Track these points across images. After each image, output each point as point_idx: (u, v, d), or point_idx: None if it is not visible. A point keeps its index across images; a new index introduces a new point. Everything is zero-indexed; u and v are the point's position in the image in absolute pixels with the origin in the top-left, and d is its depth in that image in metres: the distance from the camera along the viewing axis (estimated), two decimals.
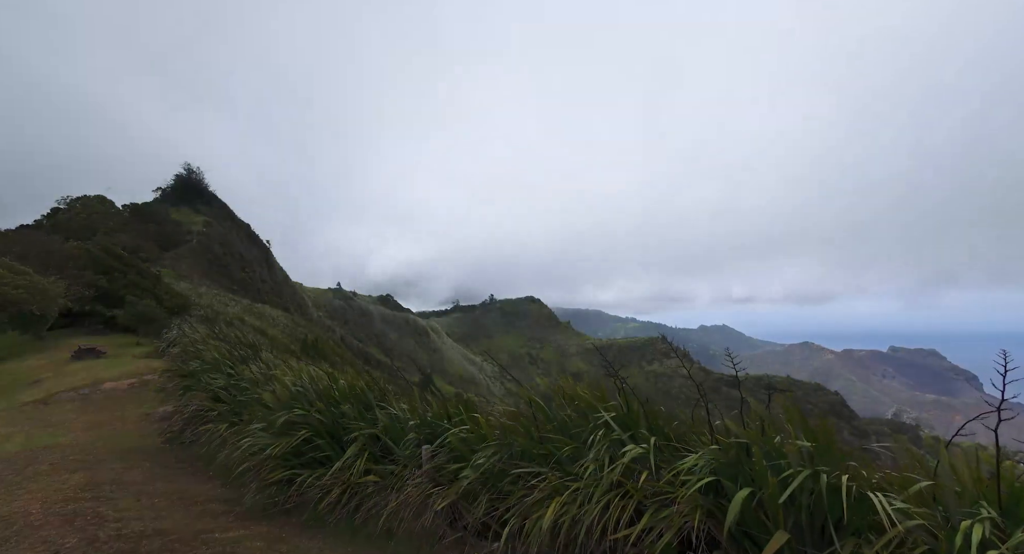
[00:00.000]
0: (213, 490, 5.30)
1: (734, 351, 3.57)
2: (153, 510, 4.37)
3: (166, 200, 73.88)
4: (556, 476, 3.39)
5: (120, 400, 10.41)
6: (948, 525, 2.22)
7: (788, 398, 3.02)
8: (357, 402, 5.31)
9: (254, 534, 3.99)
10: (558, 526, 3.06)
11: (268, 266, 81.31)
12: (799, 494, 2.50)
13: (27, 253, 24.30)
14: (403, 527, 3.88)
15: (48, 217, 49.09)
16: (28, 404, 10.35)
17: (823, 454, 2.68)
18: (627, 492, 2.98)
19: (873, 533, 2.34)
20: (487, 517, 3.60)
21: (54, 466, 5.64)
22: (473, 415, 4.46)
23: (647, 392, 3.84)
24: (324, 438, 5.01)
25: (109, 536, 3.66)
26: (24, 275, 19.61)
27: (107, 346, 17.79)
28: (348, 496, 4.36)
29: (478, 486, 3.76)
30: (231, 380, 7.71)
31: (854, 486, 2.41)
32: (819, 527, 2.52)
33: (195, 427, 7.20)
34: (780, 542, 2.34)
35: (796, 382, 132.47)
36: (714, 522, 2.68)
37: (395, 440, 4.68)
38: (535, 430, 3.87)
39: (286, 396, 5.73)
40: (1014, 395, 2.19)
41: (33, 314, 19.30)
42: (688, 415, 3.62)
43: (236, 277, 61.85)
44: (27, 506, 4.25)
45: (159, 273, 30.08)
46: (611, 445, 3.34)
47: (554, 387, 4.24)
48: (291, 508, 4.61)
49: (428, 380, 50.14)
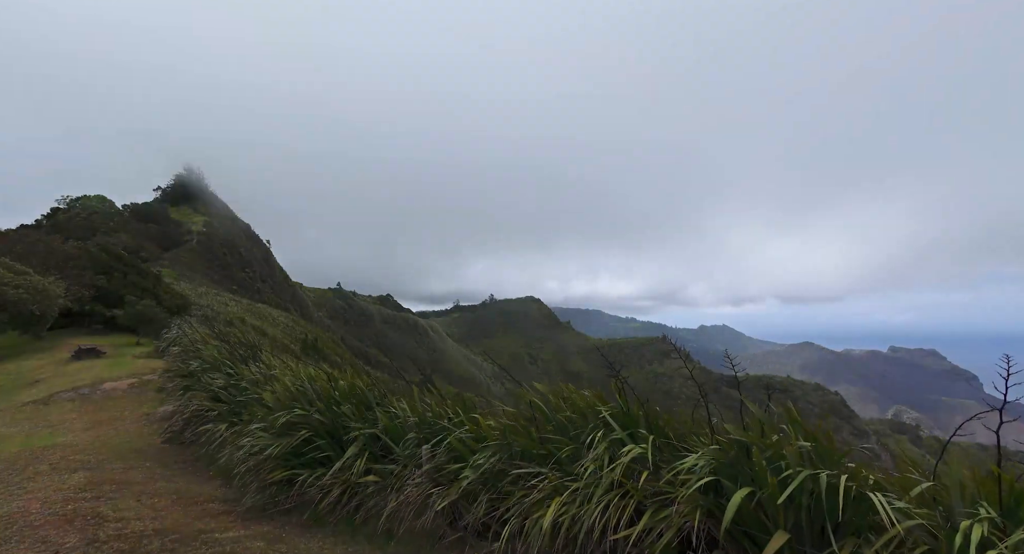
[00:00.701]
0: (213, 490, 5.30)
1: (734, 351, 3.57)
2: (153, 510, 4.37)
3: (166, 200, 73.89)
4: (556, 476, 3.39)
5: (120, 400, 10.42)
6: (948, 525, 2.22)
7: (788, 398, 3.02)
8: (357, 402, 5.31)
9: (254, 534, 3.99)
10: (558, 526, 3.06)
11: (268, 266, 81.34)
12: (799, 494, 2.50)
13: (27, 253, 24.30)
14: (403, 527, 3.88)
15: (48, 217, 49.13)
16: (28, 404, 10.35)
17: (823, 454, 2.68)
18: (627, 492, 2.98)
19: (873, 533, 2.34)
20: (487, 517, 3.60)
21: (54, 466, 5.64)
22: (473, 415, 4.46)
23: (647, 392, 3.84)
24: (324, 438, 5.01)
25: (109, 536, 3.66)
26: (24, 275, 19.62)
27: (107, 346, 17.81)
28: (348, 496, 4.35)
29: (478, 486, 3.75)
30: (231, 380, 7.71)
31: (854, 486, 2.41)
32: (819, 527, 2.52)
33: (195, 427, 7.20)
34: (780, 542, 2.34)
35: (796, 382, 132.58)
36: (714, 522, 2.68)
37: (395, 440, 4.68)
38: (535, 430, 3.87)
39: (286, 396, 5.73)
40: (1016, 397, 2.19)
41: (33, 314, 19.31)
42: (688, 415, 3.62)
43: (236, 277, 61.87)
44: (27, 506, 4.24)
45: (159, 273, 30.09)
46: (611, 445, 3.34)
47: (553, 389, 4.24)
48: (291, 508, 4.61)
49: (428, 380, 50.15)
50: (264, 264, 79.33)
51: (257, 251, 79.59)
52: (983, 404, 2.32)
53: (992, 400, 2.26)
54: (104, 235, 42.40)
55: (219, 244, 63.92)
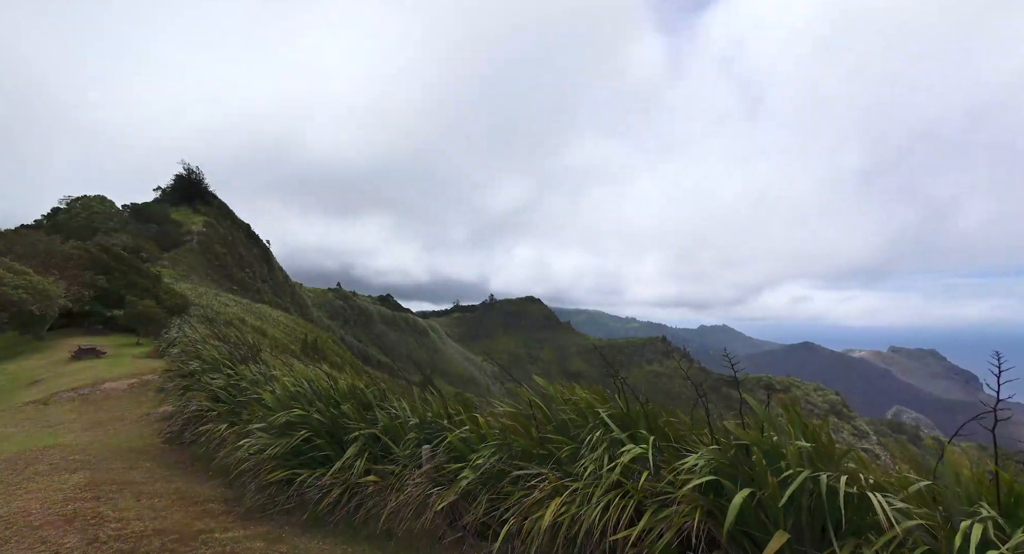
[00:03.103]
0: (213, 490, 5.30)
1: (734, 351, 3.57)
2: (153, 510, 4.37)
3: (166, 200, 73.84)
4: (556, 476, 3.39)
5: (120, 400, 10.42)
6: (948, 525, 2.22)
7: (788, 398, 3.02)
8: (357, 402, 5.32)
9: (254, 534, 3.99)
10: (557, 526, 3.06)
11: (268, 266, 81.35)
12: (799, 494, 2.50)
13: (27, 253, 24.29)
14: (403, 527, 3.89)
15: (48, 217, 49.14)
16: (28, 404, 10.35)
17: (823, 455, 2.68)
18: (627, 492, 2.98)
19: (873, 533, 2.35)
20: (487, 517, 3.60)
21: (54, 466, 5.64)
22: (473, 415, 4.46)
23: (647, 392, 3.84)
24: (324, 438, 5.01)
25: (109, 536, 3.66)
26: (24, 275, 19.62)
27: (107, 346, 17.81)
28: (348, 496, 4.36)
29: (478, 486, 3.76)
30: (231, 380, 7.71)
31: (854, 486, 2.41)
32: (819, 527, 2.52)
33: (195, 427, 7.20)
34: (780, 542, 2.34)
35: (796, 382, 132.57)
36: (714, 522, 2.68)
37: (395, 440, 4.68)
38: (535, 430, 3.87)
39: (286, 396, 5.73)
40: (1010, 394, 2.19)
41: (33, 314, 19.31)
42: (688, 415, 3.62)
43: (236, 277, 61.89)
44: (27, 506, 4.25)
45: (159, 273, 30.10)
46: (610, 445, 3.34)
47: (553, 388, 4.24)
48: (291, 508, 4.61)
49: (428, 380, 50.10)
50: (264, 264, 79.35)
51: (257, 251, 79.62)
52: (982, 404, 2.33)
53: (991, 401, 2.26)
54: (104, 235, 42.42)
55: (219, 244, 63.93)
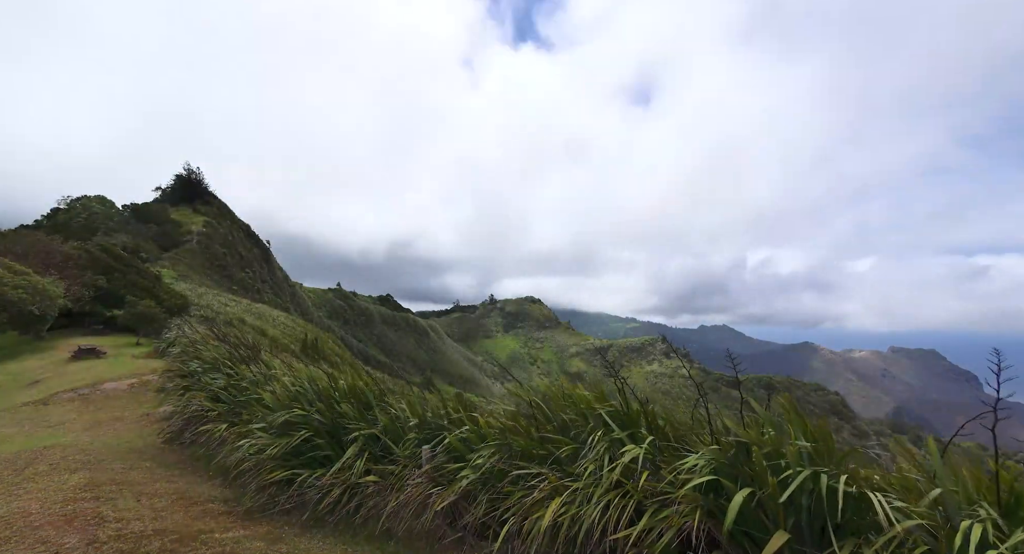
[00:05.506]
0: (213, 490, 5.30)
1: (734, 351, 3.57)
2: (153, 510, 4.37)
3: (166, 200, 73.80)
4: (556, 476, 3.39)
5: (120, 400, 10.42)
6: (948, 525, 2.22)
7: (788, 398, 3.02)
8: (357, 402, 5.32)
9: (254, 534, 3.99)
10: (557, 526, 3.06)
11: (268, 266, 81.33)
12: (799, 494, 2.50)
13: (27, 253, 24.29)
14: (403, 527, 3.89)
15: (48, 217, 49.12)
16: (28, 404, 10.35)
17: (823, 454, 2.68)
18: (627, 492, 2.98)
19: (873, 533, 2.35)
20: (487, 517, 3.60)
21: (54, 466, 5.64)
22: (473, 415, 4.46)
23: (647, 392, 3.85)
24: (324, 438, 5.01)
25: (109, 536, 3.66)
26: (24, 275, 19.62)
27: (107, 346, 17.81)
28: (348, 496, 4.36)
29: (478, 486, 3.76)
30: (231, 380, 7.72)
31: (854, 486, 2.41)
32: (819, 527, 2.52)
33: (195, 427, 7.20)
34: (780, 542, 2.34)
35: (796, 382, 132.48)
36: (714, 522, 2.68)
37: (395, 440, 4.68)
38: (535, 430, 3.87)
39: (286, 396, 5.73)
40: (1010, 393, 2.19)
41: (33, 314, 19.31)
42: (688, 415, 3.62)
43: (236, 277, 61.85)
44: (27, 506, 4.24)
45: (159, 273, 30.10)
46: (611, 445, 3.34)
47: (553, 387, 4.24)
48: (291, 508, 4.61)
49: (428, 380, 50.11)
50: (264, 264, 79.30)
51: (257, 251, 79.57)
52: (982, 404, 2.33)
53: (991, 400, 2.27)
54: (104, 235, 42.41)
55: (219, 244, 63.90)
